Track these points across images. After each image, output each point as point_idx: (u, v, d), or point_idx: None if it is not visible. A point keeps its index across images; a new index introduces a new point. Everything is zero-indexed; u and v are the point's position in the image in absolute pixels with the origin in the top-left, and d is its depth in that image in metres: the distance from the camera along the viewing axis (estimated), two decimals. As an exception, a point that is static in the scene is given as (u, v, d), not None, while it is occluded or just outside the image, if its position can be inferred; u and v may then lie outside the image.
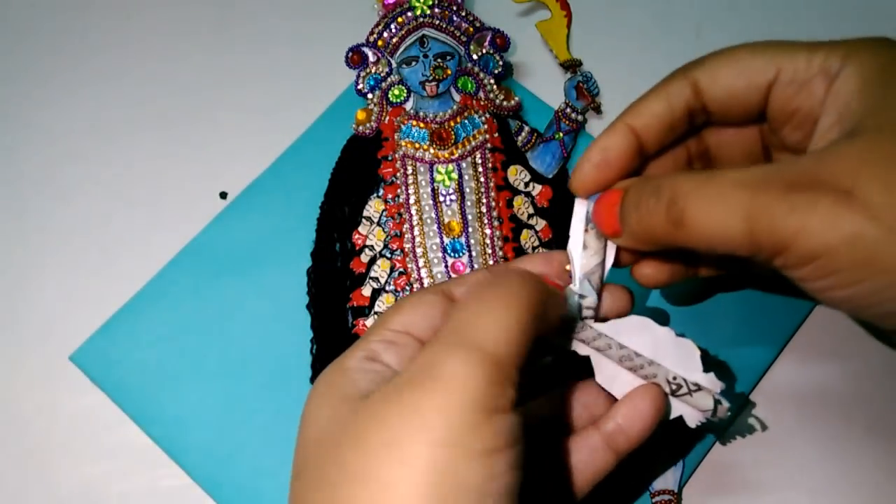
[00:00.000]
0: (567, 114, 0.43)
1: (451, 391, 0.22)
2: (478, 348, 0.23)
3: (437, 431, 0.22)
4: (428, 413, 0.22)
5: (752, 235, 0.24)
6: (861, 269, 0.23)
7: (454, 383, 0.23)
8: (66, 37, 0.48)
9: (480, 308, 0.25)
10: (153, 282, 0.41)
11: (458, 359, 0.23)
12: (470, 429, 0.22)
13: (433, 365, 0.23)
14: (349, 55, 0.43)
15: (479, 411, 0.22)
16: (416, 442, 0.22)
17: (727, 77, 0.29)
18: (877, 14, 0.49)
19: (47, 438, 0.39)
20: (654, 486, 0.37)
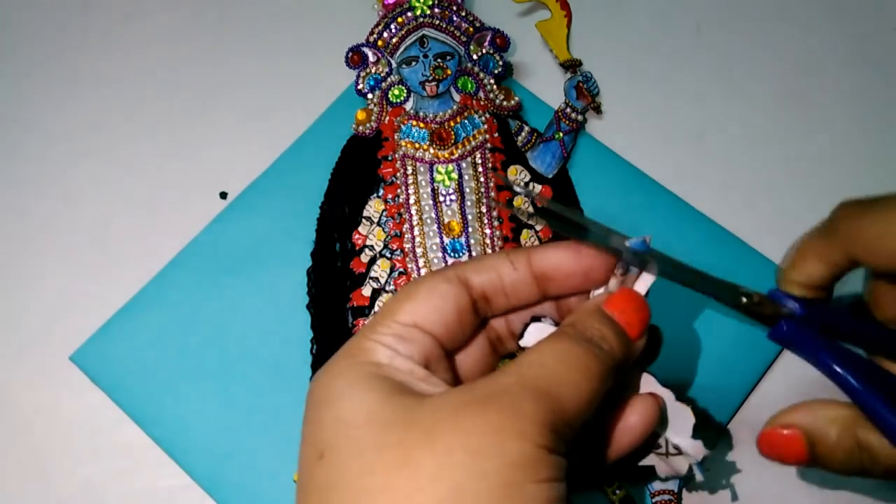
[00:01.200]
0: (567, 114, 0.43)
1: (530, 426, 0.23)
2: (558, 403, 0.24)
3: (516, 454, 0.23)
4: (509, 436, 0.23)
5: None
6: None
7: (533, 420, 0.23)
8: (66, 37, 0.48)
9: (570, 369, 0.25)
10: (153, 282, 0.41)
11: (540, 403, 0.24)
12: (538, 459, 0.23)
13: (518, 397, 0.24)
14: (349, 55, 0.43)
15: (545, 449, 0.23)
16: (497, 456, 0.22)
17: (886, 249, 0.27)
18: (877, 14, 0.49)
19: (47, 438, 0.39)
20: (653, 486, 0.37)
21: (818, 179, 0.45)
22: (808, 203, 0.44)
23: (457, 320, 0.28)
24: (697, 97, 0.46)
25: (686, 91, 0.47)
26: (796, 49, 0.48)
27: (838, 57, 0.48)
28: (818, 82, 0.47)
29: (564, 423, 0.24)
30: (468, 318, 0.29)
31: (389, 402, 0.24)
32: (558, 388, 0.24)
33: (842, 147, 0.46)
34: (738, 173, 0.45)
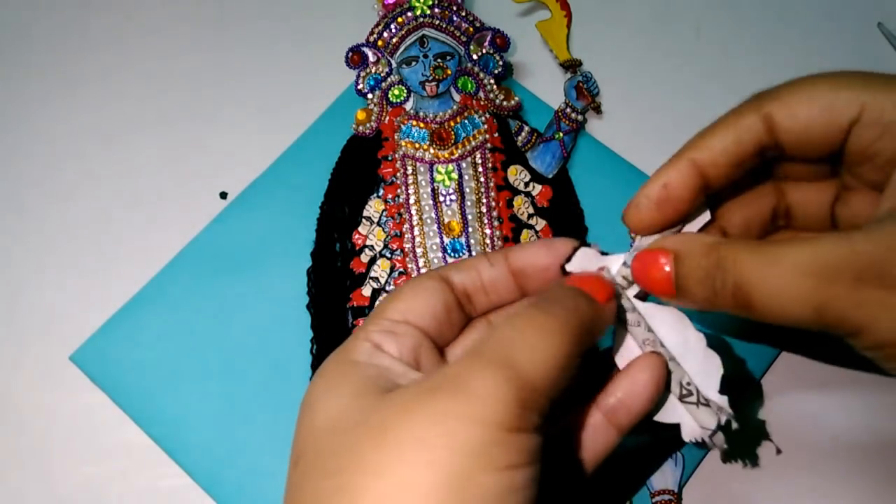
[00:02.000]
0: (567, 114, 0.43)
1: (482, 405, 0.22)
2: (514, 370, 0.23)
3: (466, 441, 0.22)
4: (458, 421, 0.22)
5: (822, 321, 0.24)
6: None
7: (486, 399, 0.23)
8: (66, 36, 0.48)
9: (526, 331, 0.24)
10: (153, 282, 0.41)
11: (493, 376, 0.23)
12: (495, 444, 0.22)
13: (468, 376, 0.23)
14: (349, 55, 0.43)
15: (505, 429, 0.22)
16: (443, 446, 0.22)
17: (805, 112, 0.27)
18: (876, 13, 0.49)
19: (47, 438, 0.39)
20: (654, 486, 0.37)
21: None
22: (808, 203, 0.44)
23: (444, 312, 0.28)
24: (697, 97, 0.46)
25: (686, 91, 0.47)
26: (796, 49, 0.48)
27: (838, 57, 0.48)
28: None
29: (531, 392, 0.23)
30: (456, 314, 0.29)
31: (356, 403, 0.24)
32: (516, 354, 0.23)
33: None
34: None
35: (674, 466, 0.38)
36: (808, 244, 0.24)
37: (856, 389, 0.40)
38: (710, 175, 0.28)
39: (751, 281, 0.25)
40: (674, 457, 0.38)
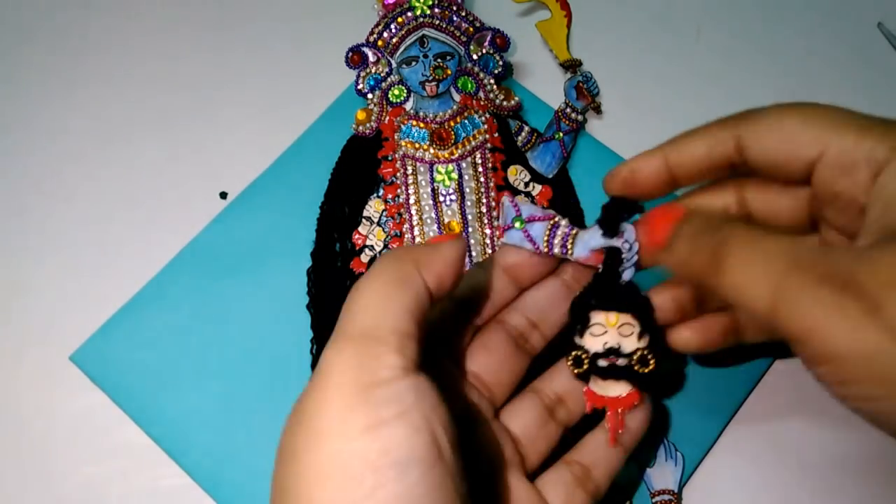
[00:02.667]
0: (567, 114, 0.43)
1: (326, 383, 0.23)
2: (343, 332, 0.25)
3: (319, 428, 0.23)
4: (311, 414, 0.23)
5: (773, 311, 0.23)
6: (878, 384, 0.22)
7: (328, 374, 0.24)
8: (66, 37, 0.48)
9: (349, 299, 0.26)
10: (153, 282, 0.41)
11: (330, 349, 0.24)
12: (349, 411, 0.23)
13: (318, 366, 0.24)
14: (349, 55, 0.43)
15: (355, 392, 0.23)
16: (310, 450, 0.23)
17: (771, 143, 0.28)
18: (876, 13, 0.49)
19: (47, 438, 0.39)
20: (654, 486, 0.37)
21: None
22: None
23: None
24: (697, 98, 0.46)
25: (686, 92, 0.47)
26: (796, 49, 0.48)
27: (838, 57, 0.48)
28: (817, 82, 0.47)
29: (370, 343, 0.24)
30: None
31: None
32: (350, 317, 0.25)
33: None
34: (738, 173, 0.45)
35: (674, 466, 0.38)
36: (796, 238, 0.25)
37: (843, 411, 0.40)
38: (678, 174, 0.30)
39: (733, 249, 0.25)
40: (674, 457, 0.38)
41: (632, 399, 0.31)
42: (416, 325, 0.25)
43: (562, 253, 0.31)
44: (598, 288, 0.31)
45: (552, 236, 0.31)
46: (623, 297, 0.31)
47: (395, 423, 0.23)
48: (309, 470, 0.23)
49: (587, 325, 0.31)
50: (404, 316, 0.25)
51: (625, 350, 0.31)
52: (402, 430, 0.23)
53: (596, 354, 0.31)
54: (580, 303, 0.31)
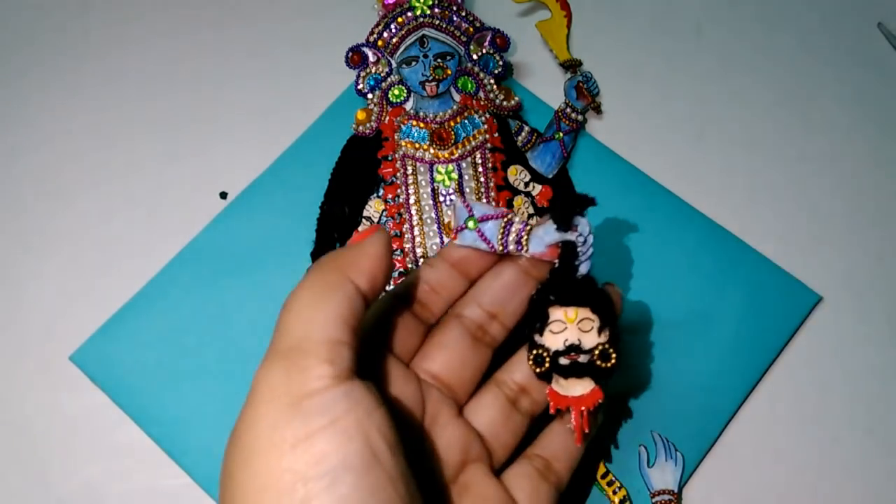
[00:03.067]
0: (567, 114, 0.43)
1: (257, 400, 0.24)
2: (273, 349, 0.25)
3: (252, 446, 0.23)
4: (243, 432, 0.23)
5: None
6: None
7: (258, 392, 0.24)
8: (66, 37, 0.48)
9: (280, 314, 0.26)
10: (153, 282, 0.41)
11: (260, 368, 0.24)
12: (279, 426, 0.23)
13: (251, 385, 0.25)
14: (349, 55, 0.43)
15: (285, 407, 0.23)
16: (244, 469, 0.23)
17: None
18: (876, 13, 0.49)
19: (47, 438, 0.39)
20: (654, 485, 0.37)
21: (817, 179, 0.45)
22: (808, 202, 0.44)
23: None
24: (697, 97, 0.46)
25: (686, 91, 0.47)
26: (796, 49, 0.48)
27: (837, 57, 0.48)
28: (818, 82, 0.47)
29: (297, 356, 0.24)
30: (412, 323, 0.30)
31: None
32: (279, 334, 0.25)
33: (841, 147, 0.46)
34: (737, 173, 0.45)
35: (674, 466, 0.38)
36: None
37: (855, 390, 0.40)
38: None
39: None
40: (674, 457, 0.38)
41: (595, 397, 0.30)
42: (349, 330, 0.25)
43: (517, 250, 0.31)
44: (555, 283, 0.31)
45: (506, 234, 0.31)
46: (581, 290, 0.30)
47: (326, 433, 0.23)
48: (245, 488, 0.23)
49: (546, 322, 0.30)
50: (335, 323, 0.25)
51: (585, 346, 0.30)
52: (333, 439, 0.23)
53: (557, 352, 0.30)
54: (538, 299, 0.31)
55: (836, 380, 0.40)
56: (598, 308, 0.30)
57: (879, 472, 0.39)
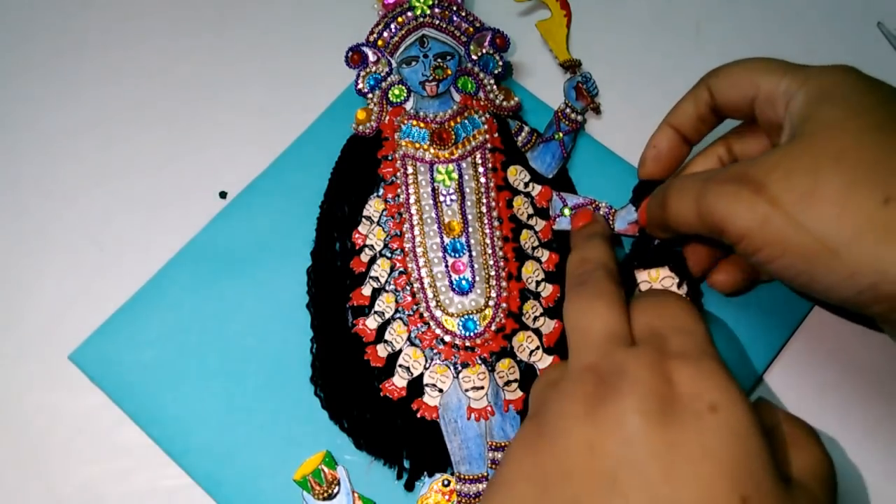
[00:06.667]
0: (567, 114, 0.43)
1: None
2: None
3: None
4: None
5: (700, 217, 0.31)
6: (774, 246, 0.29)
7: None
8: (66, 37, 0.48)
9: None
10: (153, 281, 0.41)
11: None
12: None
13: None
14: (349, 55, 0.43)
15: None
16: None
17: (726, 88, 0.35)
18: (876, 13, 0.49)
19: (47, 438, 0.39)
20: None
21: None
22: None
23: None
24: (697, 97, 0.46)
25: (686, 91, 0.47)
26: (796, 48, 0.48)
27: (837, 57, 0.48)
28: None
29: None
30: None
31: None
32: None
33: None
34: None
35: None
36: (707, 170, 0.36)
37: (855, 390, 0.40)
38: (684, 131, 0.38)
39: (668, 190, 0.34)
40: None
41: None
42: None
43: None
44: (638, 252, 0.39)
45: None
46: (659, 255, 0.38)
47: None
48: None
49: (636, 283, 0.38)
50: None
51: None
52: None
53: None
54: (626, 265, 0.38)
55: (836, 380, 0.40)
56: (676, 267, 0.38)
57: (879, 473, 0.39)
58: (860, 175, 0.28)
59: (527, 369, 0.39)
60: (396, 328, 0.40)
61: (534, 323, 0.40)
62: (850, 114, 0.29)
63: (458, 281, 0.40)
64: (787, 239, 0.28)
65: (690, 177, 0.33)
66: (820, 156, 0.29)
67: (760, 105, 0.34)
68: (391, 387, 0.39)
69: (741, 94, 0.35)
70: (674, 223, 0.34)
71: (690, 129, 0.38)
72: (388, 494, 0.38)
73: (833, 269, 0.28)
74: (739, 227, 0.30)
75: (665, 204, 0.34)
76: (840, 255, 0.28)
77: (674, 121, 0.38)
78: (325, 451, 0.38)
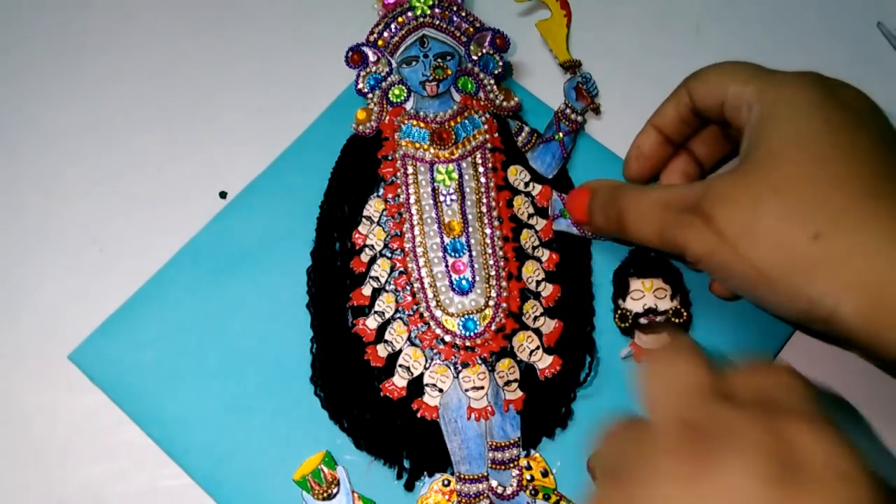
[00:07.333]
0: (567, 114, 0.43)
1: None
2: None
3: None
4: None
5: (662, 241, 0.34)
6: (723, 271, 0.31)
7: None
8: (66, 37, 0.48)
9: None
10: (153, 281, 0.41)
11: None
12: None
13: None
14: (349, 55, 0.43)
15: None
16: None
17: (701, 92, 0.36)
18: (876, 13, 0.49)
19: (47, 438, 0.39)
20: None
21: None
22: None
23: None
24: (697, 97, 0.46)
25: (686, 91, 0.47)
26: (796, 48, 0.48)
27: (837, 57, 0.48)
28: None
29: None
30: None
31: None
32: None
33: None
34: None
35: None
36: (665, 188, 0.35)
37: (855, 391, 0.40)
38: (666, 132, 0.39)
39: (627, 209, 0.35)
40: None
41: None
42: None
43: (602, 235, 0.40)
44: (634, 260, 0.40)
45: None
46: (654, 265, 0.40)
47: None
48: None
49: (628, 290, 0.39)
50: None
51: (660, 309, 0.39)
52: None
53: (637, 314, 0.39)
54: (621, 272, 0.40)
55: (836, 380, 0.40)
56: (670, 279, 0.40)
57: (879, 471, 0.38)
58: (794, 210, 0.29)
59: (527, 369, 0.39)
60: (396, 328, 0.40)
61: (534, 323, 0.40)
62: (796, 141, 0.31)
63: (458, 281, 0.40)
64: (732, 266, 0.31)
65: (648, 197, 0.34)
66: (762, 187, 0.30)
67: (727, 110, 0.35)
68: (391, 387, 0.39)
69: (713, 99, 0.36)
70: (634, 238, 0.35)
71: (673, 130, 0.39)
72: (388, 494, 0.38)
73: (774, 293, 0.30)
74: (694, 254, 0.32)
75: (623, 221, 0.35)
76: (777, 284, 0.30)
77: (657, 122, 0.39)
78: (325, 451, 0.38)
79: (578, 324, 0.40)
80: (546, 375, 0.39)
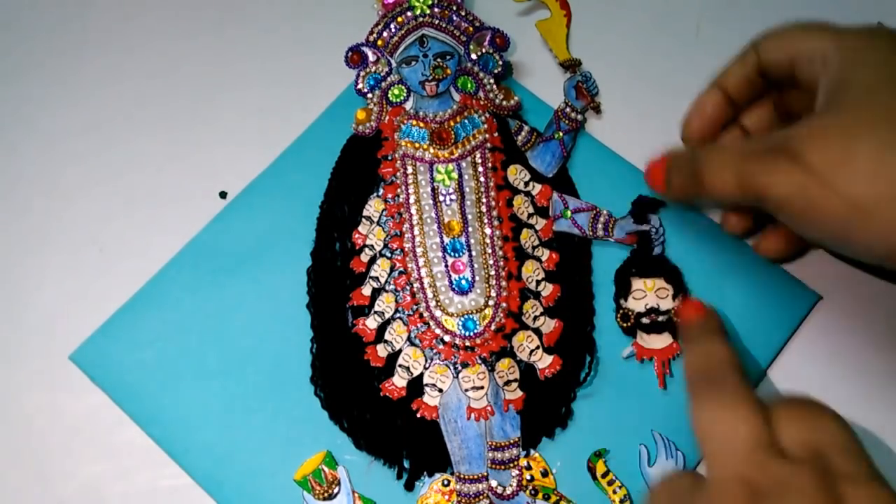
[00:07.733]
0: (567, 113, 0.43)
1: None
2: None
3: None
4: None
5: (741, 189, 0.33)
6: (812, 211, 0.30)
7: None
8: (66, 37, 0.48)
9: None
10: (153, 281, 0.41)
11: None
12: None
13: None
14: (349, 55, 0.43)
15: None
16: None
17: (770, 49, 0.37)
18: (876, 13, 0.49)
19: (48, 438, 0.40)
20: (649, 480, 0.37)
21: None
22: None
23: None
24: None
25: (686, 91, 0.47)
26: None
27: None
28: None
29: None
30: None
31: None
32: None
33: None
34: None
35: (674, 465, 0.38)
36: (743, 140, 0.38)
37: (855, 391, 0.40)
38: (731, 93, 0.39)
39: (705, 163, 0.35)
40: (674, 456, 0.38)
41: (673, 349, 0.39)
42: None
43: (604, 235, 0.41)
44: (635, 260, 0.41)
45: (595, 223, 0.41)
46: (656, 265, 0.40)
47: None
48: None
49: (630, 290, 0.40)
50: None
51: (662, 308, 0.39)
52: None
53: (639, 314, 0.39)
54: (623, 271, 0.41)
55: (836, 380, 0.40)
56: (671, 279, 0.40)
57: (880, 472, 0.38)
58: (892, 138, 0.29)
59: (527, 369, 0.39)
60: (396, 328, 0.40)
61: (534, 322, 0.40)
62: (883, 78, 0.30)
63: (457, 281, 0.40)
64: (824, 204, 0.30)
65: (726, 149, 0.34)
66: (854, 122, 0.30)
67: (799, 66, 0.35)
68: (391, 387, 0.39)
69: (784, 53, 0.36)
70: (711, 193, 0.35)
71: (736, 91, 0.39)
72: (388, 494, 0.38)
73: (867, 230, 0.29)
74: (779, 195, 0.31)
75: (700, 175, 0.35)
76: (873, 216, 0.29)
77: (722, 82, 0.39)
78: (325, 451, 0.38)
79: (578, 323, 0.40)
80: (546, 375, 0.39)
